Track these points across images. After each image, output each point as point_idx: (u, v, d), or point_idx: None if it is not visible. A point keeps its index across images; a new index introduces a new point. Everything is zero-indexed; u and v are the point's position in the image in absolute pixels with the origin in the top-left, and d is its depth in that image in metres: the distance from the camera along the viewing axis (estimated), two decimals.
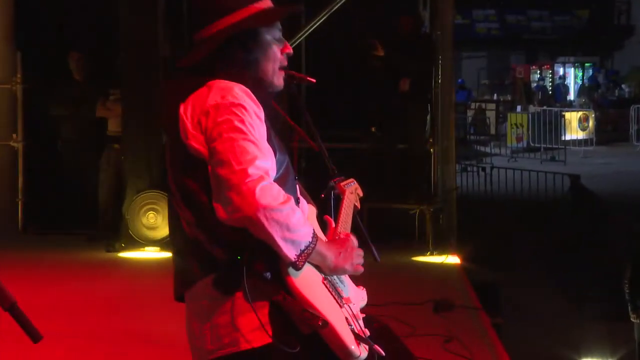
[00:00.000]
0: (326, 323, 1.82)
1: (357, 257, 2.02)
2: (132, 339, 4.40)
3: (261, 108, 1.91)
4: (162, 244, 6.59)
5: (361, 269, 2.01)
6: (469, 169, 13.91)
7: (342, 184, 2.33)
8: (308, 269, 1.91)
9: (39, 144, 7.46)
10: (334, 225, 2.15)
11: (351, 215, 2.21)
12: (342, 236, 2.08)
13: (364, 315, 2.06)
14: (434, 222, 7.08)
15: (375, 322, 2.13)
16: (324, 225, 2.13)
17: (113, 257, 6.60)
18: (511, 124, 18.56)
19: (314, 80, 2.15)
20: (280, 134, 2.04)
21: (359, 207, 2.31)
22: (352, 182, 2.37)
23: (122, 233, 6.75)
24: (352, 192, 2.30)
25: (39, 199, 7.40)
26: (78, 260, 6.47)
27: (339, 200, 2.24)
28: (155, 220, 6.64)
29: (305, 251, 1.85)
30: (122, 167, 6.84)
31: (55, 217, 7.26)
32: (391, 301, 5.06)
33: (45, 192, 7.37)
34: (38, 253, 6.66)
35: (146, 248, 6.73)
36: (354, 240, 2.08)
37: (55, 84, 7.20)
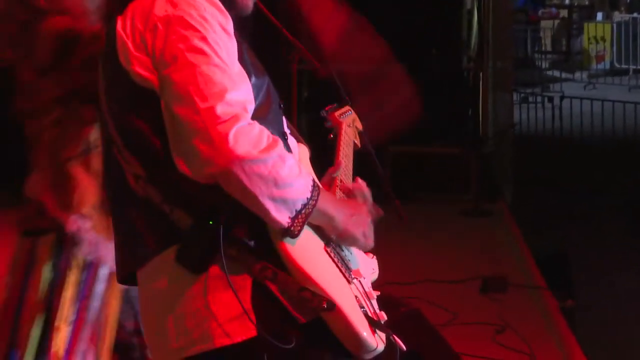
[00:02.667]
0: (332, 305, 1.85)
1: (370, 227, 2.06)
2: None
3: (228, 16, 1.93)
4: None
5: (371, 244, 2.06)
6: (530, 99, 13.83)
7: (335, 113, 2.36)
8: (307, 233, 1.93)
9: None
10: (334, 174, 2.19)
11: (351, 158, 2.25)
12: (345, 185, 2.12)
13: (378, 293, 2.10)
14: (483, 172, 7.03)
15: (403, 305, 2.18)
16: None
17: None
18: (589, 38, 18.38)
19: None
20: (256, 47, 2.05)
21: (359, 144, 2.36)
22: (348, 111, 2.39)
23: None
24: (349, 125, 2.34)
25: None
26: None
27: (334, 136, 2.28)
28: None
29: (303, 211, 1.87)
30: None
31: None
32: (424, 278, 5.11)
33: None
34: None
35: None
36: (364, 191, 2.13)
37: None
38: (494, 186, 7.33)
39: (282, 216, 1.85)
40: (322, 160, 2.25)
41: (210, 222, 1.87)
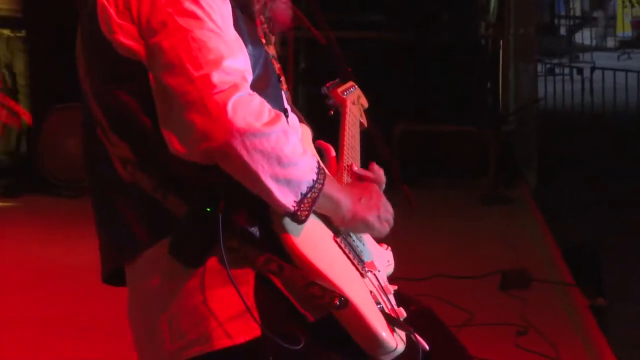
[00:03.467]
0: (346, 301, 1.84)
1: (385, 208, 2.06)
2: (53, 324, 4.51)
3: None
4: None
5: (388, 228, 2.06)
6: (557, 70, 13.81)
7: (338, 90, 2.36)
8: (313, 222, 1.93)
9: None
10: (333, 154, 2.19)
11: (358, 139, 2.25)
12: (355, 171, 2.12)
13: (395, 287, 2.11)
14: (503, 153, 7.05)
15: (413, 304, 2.18)
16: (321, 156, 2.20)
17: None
18: (623, 1, 18.31)
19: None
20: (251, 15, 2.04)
21: (365, 124, 2.35)
22: (352, 87, 2.39)
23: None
24: (354, 103, 2.34)
25: None
26: None
27: (337, 115, 2.29)
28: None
29: (310, 195, 1.87)
30: None
31: None
32: (436, 273, 5.11)
33: None
34: None
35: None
36: (380, 180, 2.13)
37: None
38: (515, 169, 7.33)
39: (287, 199, 1.84)
40: (324, 141, 2.28)
41: (208, 209, 1.86)
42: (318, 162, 1.91)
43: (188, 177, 1.86)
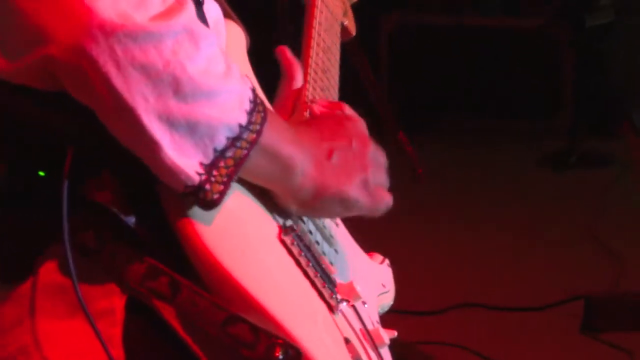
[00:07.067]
0: (297, 355, 1.41)
1: (375, 162, 1.63)
2: None
3: None
4: None
5: (385, 201, 1.62)
6: None
7: None
8: (241, 202, 1.51)
9: None
10: (298, 78, 1.80)
11: (336, 55, 1.87)
12: (320, 110, 1.73)
13: (394, 334, 1.69)
14: (590, 72, 5.22)
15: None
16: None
17: None
18: None
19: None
20: None
21: (352, 30, 1.99)
22: None
23: None
24: None
25: None
26: None
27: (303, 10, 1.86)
28: None
29: (232, 152, 1.44)
30: None
31: None
32: (468, 300, 3.82)
33: None
34: None
35: None
36: (352, 117, 1.69)
37: None
38: (613, 103, 5.49)
39: (187, 160, 1.38)
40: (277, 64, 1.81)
41: (41, 173, 1.44)
42: (253, 92, 1.45)
43: (10, 116, 1.47)
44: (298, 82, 1.84)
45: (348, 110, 1.72)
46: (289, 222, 1.53)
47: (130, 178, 1.43)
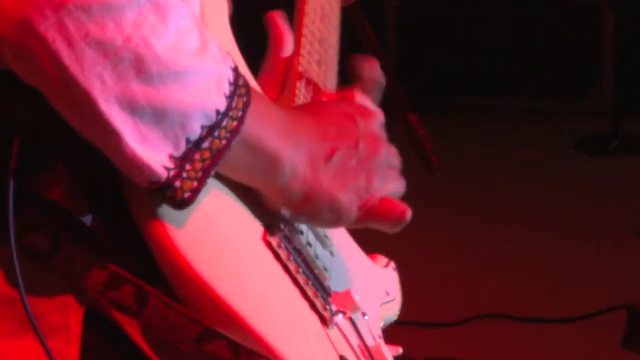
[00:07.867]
0: None
1: (388, 175, 1.51)
2: None
3: None
4: None
5: (396, 216, 1.49)
6: None
7: None
8: (220, 200, 1.43)
9: None
10: (288, 48, 1.70)
11: (334, 23, 1.74)
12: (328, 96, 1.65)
13: (399, 350, 1.65)
14: (631, 46, 4.92)
15: None
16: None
17: None
18: None
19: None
20: None
21: None
22: None
23: None
24: None
25: None
26: None
27: None
28: None
29: (205, 145, 1.34)
30: None
31: None
32: (488, 310, 3.65)
33: None
34: None
35: None
36: (366, 111, 1.55)
37: None
38: None
39: (152, 153, 1.29)
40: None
41: None
42: (234, 71, 1.34)
43: None
44: (285, 47, 1.72)
45: (362, 99, 1.60)
46: (275, 222, 1.43)
47: (89, 171, 1.34)
